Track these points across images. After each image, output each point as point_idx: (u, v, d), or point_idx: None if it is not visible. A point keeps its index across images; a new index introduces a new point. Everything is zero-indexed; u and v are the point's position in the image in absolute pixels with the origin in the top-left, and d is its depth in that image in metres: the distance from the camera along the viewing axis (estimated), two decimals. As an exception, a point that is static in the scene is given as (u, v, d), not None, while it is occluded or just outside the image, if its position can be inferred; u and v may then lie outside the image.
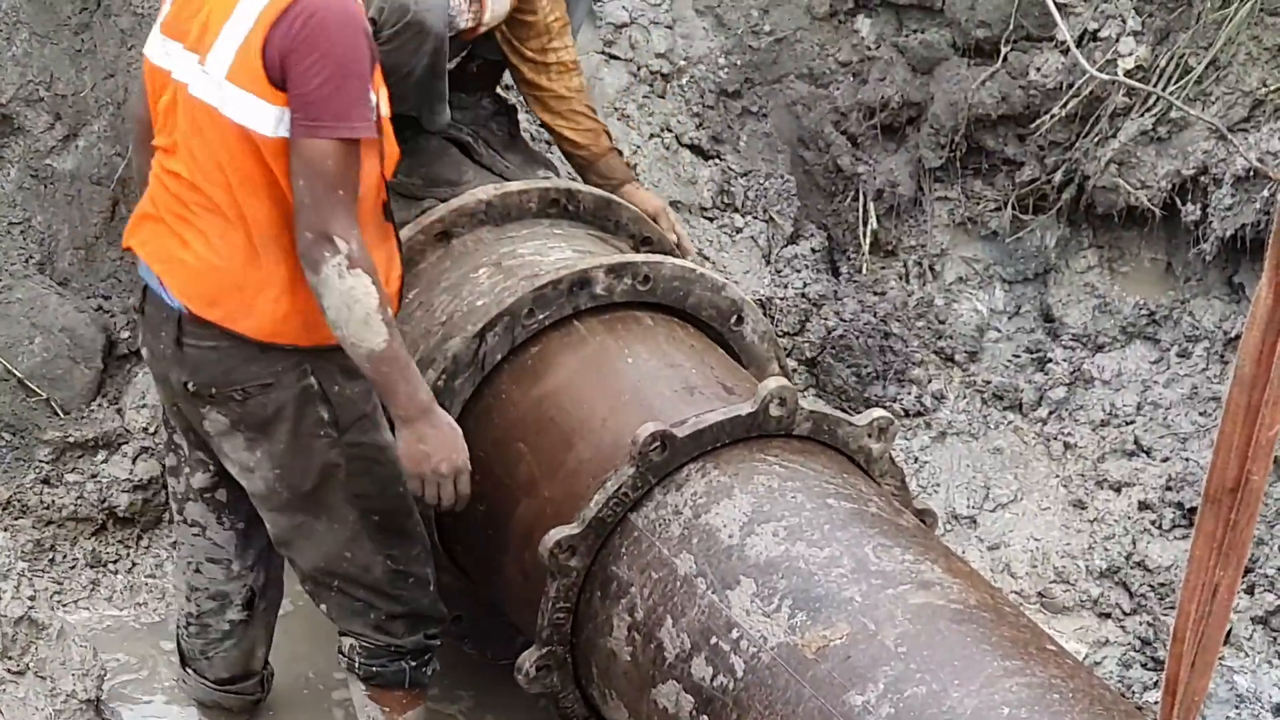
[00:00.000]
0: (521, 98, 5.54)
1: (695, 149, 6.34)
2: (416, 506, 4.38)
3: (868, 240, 6.40)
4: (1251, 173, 5.66)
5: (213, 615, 4.76)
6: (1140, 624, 5.35)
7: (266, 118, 3.90)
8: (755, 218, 6.28)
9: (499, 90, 5.65)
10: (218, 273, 4.07)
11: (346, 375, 4.17)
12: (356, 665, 4.59)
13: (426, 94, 4.97)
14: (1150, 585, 5.42)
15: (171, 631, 5.07)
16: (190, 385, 4.22)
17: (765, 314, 5.66)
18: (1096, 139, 6.01)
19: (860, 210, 6.41)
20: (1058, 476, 5.86)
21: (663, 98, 6.39)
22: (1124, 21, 5.91)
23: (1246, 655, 5.01)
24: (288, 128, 3.89)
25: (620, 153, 5.51)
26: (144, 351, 4.45)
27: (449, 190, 5.09)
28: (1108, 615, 5.40)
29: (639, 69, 6.37)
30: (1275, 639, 5.05)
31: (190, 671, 4.90)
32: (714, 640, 3.81)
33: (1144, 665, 5.20)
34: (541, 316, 4.61)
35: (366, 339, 3.96)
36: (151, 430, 5.52)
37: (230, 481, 4.47)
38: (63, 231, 5.60)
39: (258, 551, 4.70)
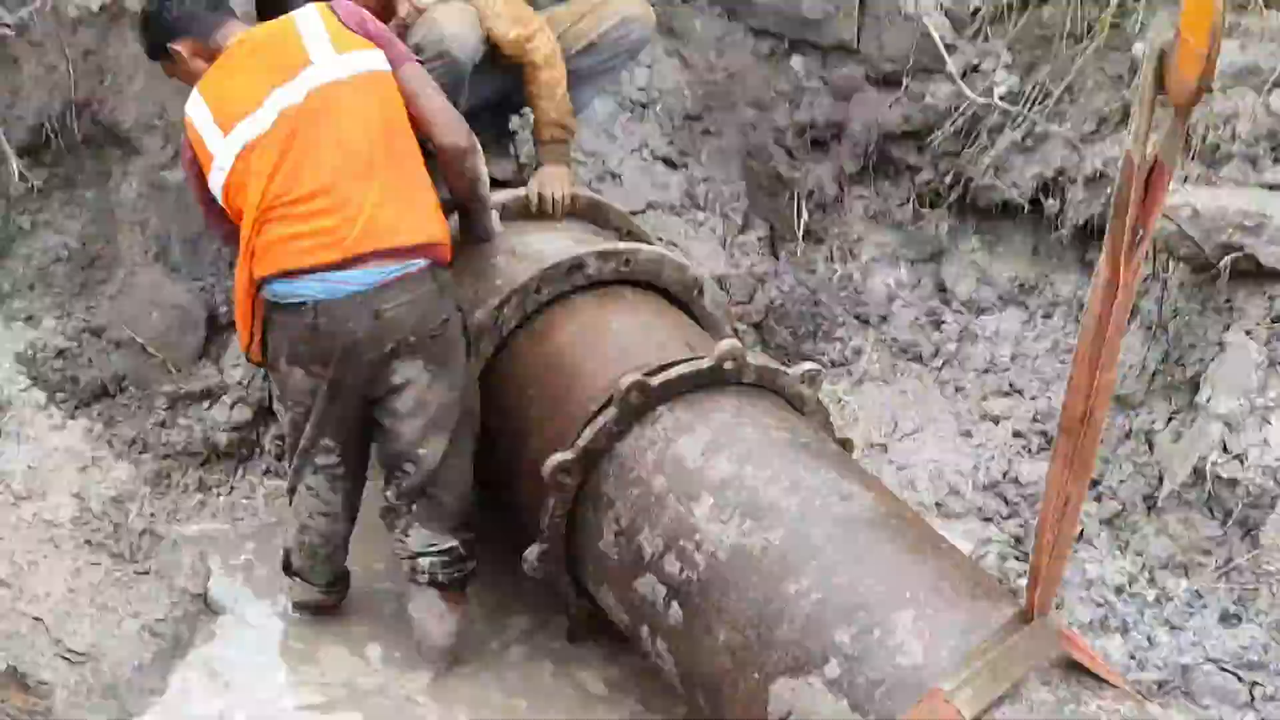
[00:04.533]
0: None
1: (667, 161, 6.31)
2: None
3: (801, 230, 6.37)
4: (1098, 174, 5.64)
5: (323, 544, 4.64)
6: (1015, 526, 5.33)
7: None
8: (714, 214, 6.25)
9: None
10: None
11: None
12: (440, 576, 4.46)
13: None
14: (1022, 496, 5.41)
15: (274, 544, 4.97)
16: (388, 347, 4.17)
17: (721, 288, 5.62)
18: (978, 149, 5.98)
19: (795, 207, 6.38)
20: (951, 412, 5.84)
21: (641, 122, 6.36)
22: (999, 57, 5.88)
23: (1095, 549, 4.99)
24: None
25: (562, 142, 5.15)
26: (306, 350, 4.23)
27: None
28: (990, 520, 5.38)
29: (623, 100, 6.34)
30: (1116, 536, 5.03)
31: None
32: (681, 543, 3.80)
33: (1017, 558, 5.18)
34: (546, 292, 4.59)
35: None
36: (245, 384, 5.50)
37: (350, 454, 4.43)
38: (174, 229, 5.57)
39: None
